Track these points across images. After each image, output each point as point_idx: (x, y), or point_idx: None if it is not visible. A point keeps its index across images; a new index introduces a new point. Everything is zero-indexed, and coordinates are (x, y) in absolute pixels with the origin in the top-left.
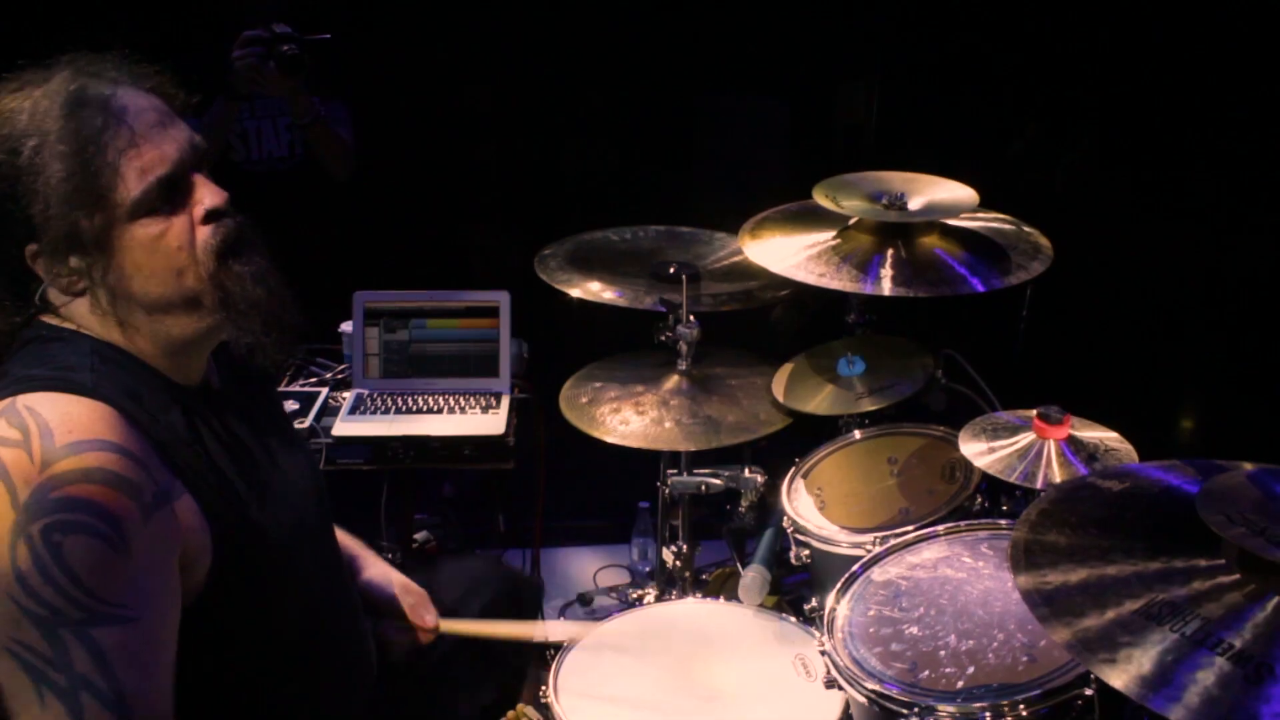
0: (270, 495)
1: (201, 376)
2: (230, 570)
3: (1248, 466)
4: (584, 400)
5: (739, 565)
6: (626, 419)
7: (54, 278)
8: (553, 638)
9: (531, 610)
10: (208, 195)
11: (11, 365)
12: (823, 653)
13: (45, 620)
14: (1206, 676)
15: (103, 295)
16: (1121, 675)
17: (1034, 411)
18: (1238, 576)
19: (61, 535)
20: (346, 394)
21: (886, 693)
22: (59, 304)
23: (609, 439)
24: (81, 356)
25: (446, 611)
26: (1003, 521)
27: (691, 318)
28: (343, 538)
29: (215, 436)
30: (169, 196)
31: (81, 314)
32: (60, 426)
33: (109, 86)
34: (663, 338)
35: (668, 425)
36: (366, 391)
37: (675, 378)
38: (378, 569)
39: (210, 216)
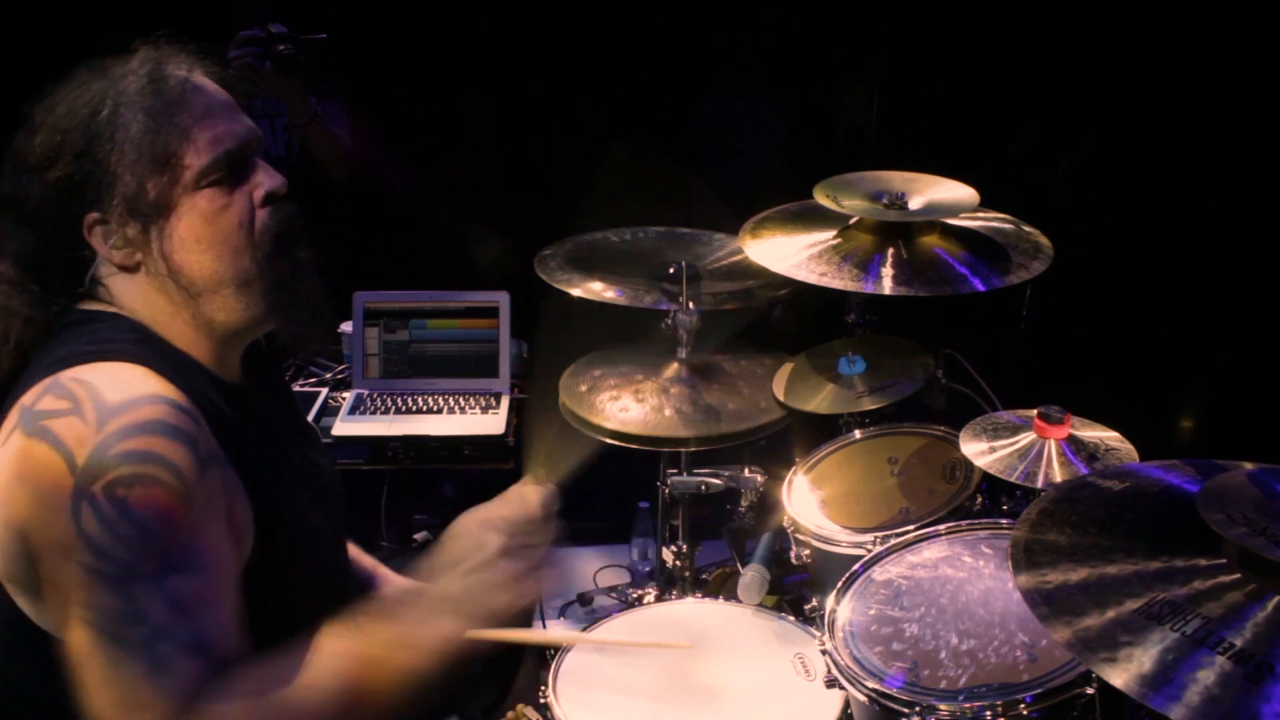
0: (305, 491)
1: (238, 374)
2: (267, 555)
3: (1248, 466)
4: (583, 388)
5: (739, 565)
6: (626, 406)
7: (110, 249)
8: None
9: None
10: (268, 178)
11: (49, 349)
12: (824, 652)
13: (117, 578)
14: (1207, 675)
15: (157, 265)
16: (1122, 674)
17: (1034, 411)
18: (1238, 576)
19: (126, 488)
20: (346, 394)
21: (888, 691)
22: (106, 277)
23: (608, 426)
24: (122, 332)
25: None
26: (1003, 521)
27: (691, 304)
28: (357, 554)
29: (257, 431)
30: (234, 171)
31: (124, 298)
32: (111, 387)
33: (180, 61)
34: (663, 325)
35: (668, 413)
36: (366, 391)
37: (675, 366)
38: (393, 584)
39: (270, 199)
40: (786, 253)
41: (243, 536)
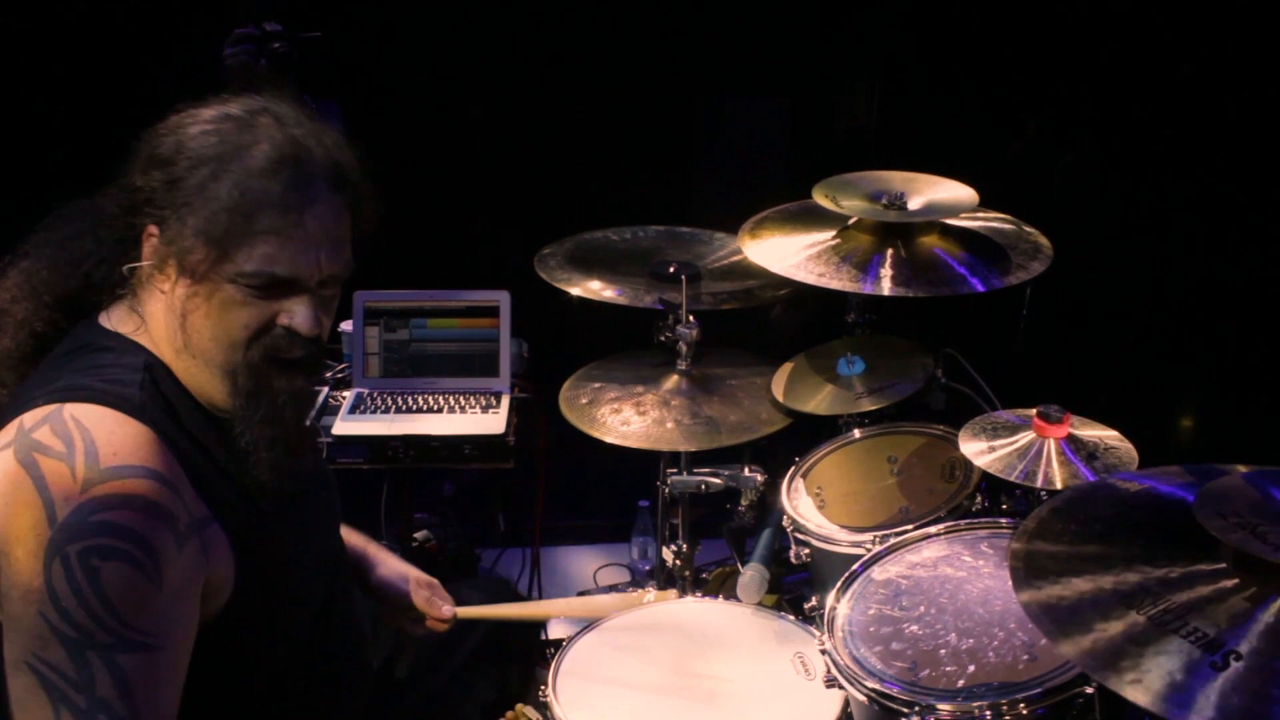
0: (296, 521)
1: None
2: (251, 593)
3: (1241, 469)
4: (584, 401)
5: (739, 564)
6: (628, 419)
7: (154, 264)
8: (565, 615)
9: (528, 640)
10: (304, 320)
11: (61, 369)
12: (823, 652)
13: (74, 641)
14: (1216, 682)
15: (173, 313)
16: (1140, 689)
17: (1034, 410)
18: (1236, 581)
19: (100, 560)
20: (346, 393)
21: (887, 691)
22: (145, 280)
23: (610, 439)
24: (134, 372)
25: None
26: (1002, 520)
27: (691, 317)
28: (352, 536)
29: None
30: (269, 290)
31: (149, 303)
32: (105, 446)
33: (319, 171)
34: (662, 338)
35: (669, 426)
36: (366, 391)
37: (675, 377)
38: (389, 566)
39: (290, 333)
40: (786, 253)
41: (220, 589)
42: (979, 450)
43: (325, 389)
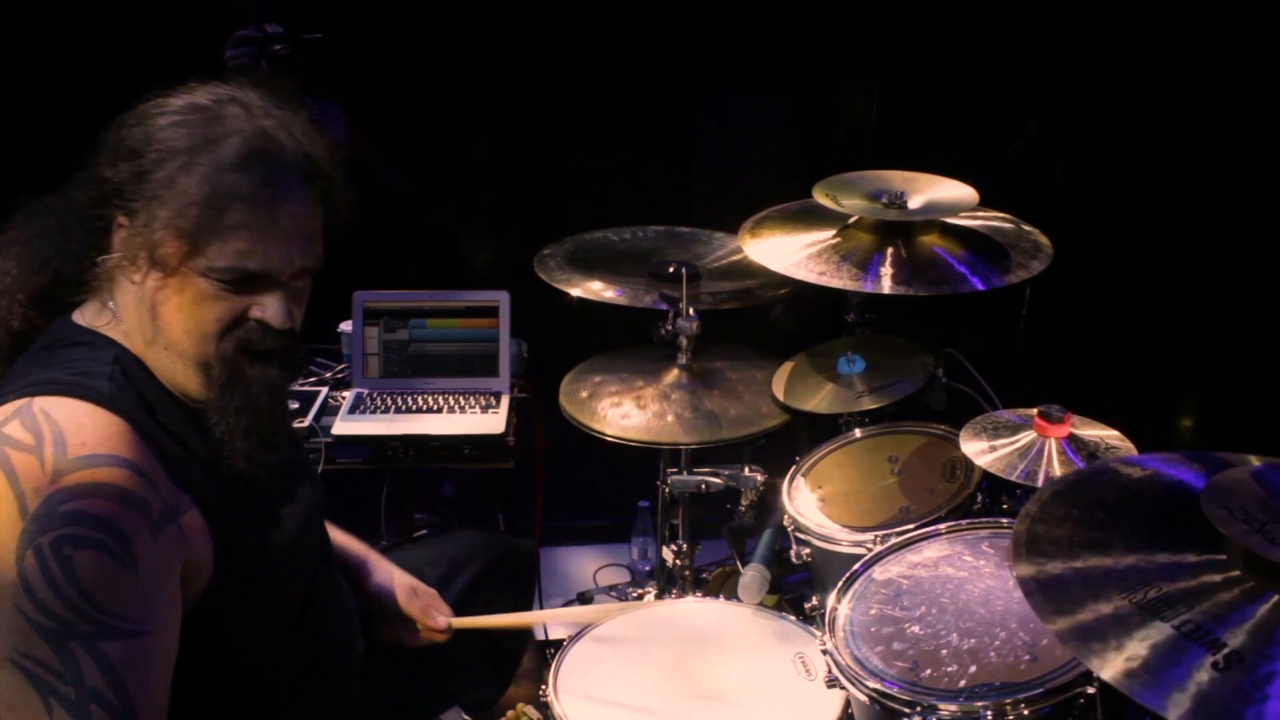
0: (275, 511)
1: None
2: (229, 580)
3: (1255, 461)
4: (584, 395)
5: (739, 564)
6: (628, 413)
7: (124, 255)
8: (557, 622)
9: (526, 578)
10: (276, 313)
11: (32, 364)
12: (824, 652)
13: (54, 633)
14: (1199, 672)
15: (144, 305)
16: (1111, 668)
17: (1035, 410)
18: (1238, 573)
19: (72, 549)
20: (346, 393)
21: (888, 691)
22: (115, 271)
23: (610, 432)
24: (103, 364)
25: (434, 586)
26: (1003, 520)
27: (691, 311)
28: (349, 541)
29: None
30: (241, 284)
31: (120, 296)
32: (74, 436)
33: (290, 165)
34: (663, 331)
35: (669, 419)
36: (366, 391)
37: (675, 372)
38: (384, 574)
39: (262, 326)
40: (786, 252)
41: (199, 573)
42: (980, 450)
43: (325, 389)
